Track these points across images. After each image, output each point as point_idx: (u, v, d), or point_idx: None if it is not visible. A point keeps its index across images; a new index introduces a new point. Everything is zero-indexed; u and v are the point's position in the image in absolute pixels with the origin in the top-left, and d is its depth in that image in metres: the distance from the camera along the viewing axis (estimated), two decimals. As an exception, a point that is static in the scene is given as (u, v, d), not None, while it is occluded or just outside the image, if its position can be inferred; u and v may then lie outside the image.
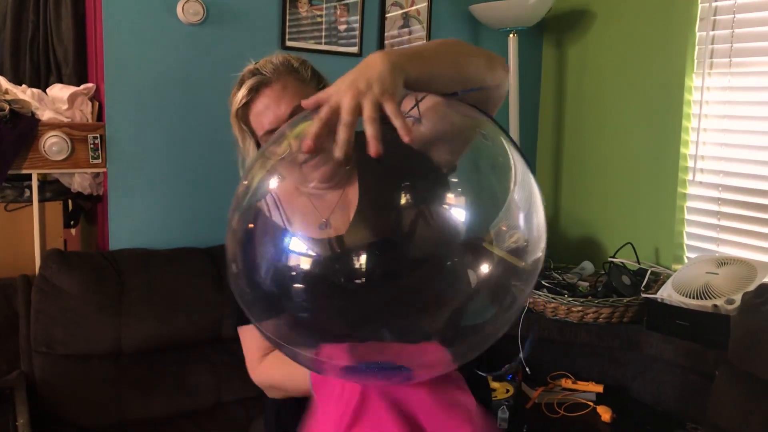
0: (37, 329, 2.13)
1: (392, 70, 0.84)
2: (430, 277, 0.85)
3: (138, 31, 2.38)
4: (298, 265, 0.84)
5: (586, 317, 2.38)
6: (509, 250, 0.85)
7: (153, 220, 2.46)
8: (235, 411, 2.32)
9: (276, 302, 0.87)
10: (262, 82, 1.16)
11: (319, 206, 0.96)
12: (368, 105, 0.80)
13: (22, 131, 2.21)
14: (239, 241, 0.90)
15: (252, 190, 0.91)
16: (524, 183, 0.89)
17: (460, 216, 0.85)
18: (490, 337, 0.90)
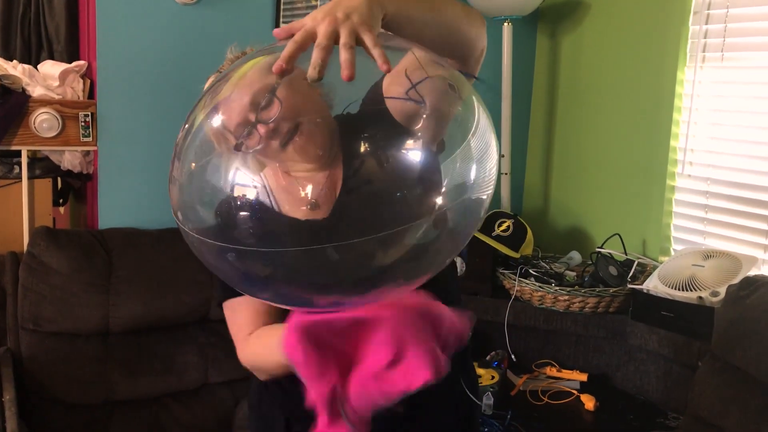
0: (25, 306, 2.13)
1: (371, 3, 0.84)
2: (378, 199, 0.88)
3: (131, 10, 2.36)
4: (244, 193, 0.85)
5: (572, 306, 2.40)
6: (459, 197, 0.88)
7: (143, 199, 2.46)
8: (222, 392, 2.33)
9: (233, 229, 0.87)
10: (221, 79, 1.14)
11: (306, 186, 0.95)
12: (345, 32, 0.79)
13: (12, 107, 2.19)
14: (182, 186, 0.91)
15: (193, 131, 0.92)
16: (483, 135, 0.90)
17: (423, 162, 0.86)
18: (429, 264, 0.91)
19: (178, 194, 0.92)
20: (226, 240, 0.86)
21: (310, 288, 0.89)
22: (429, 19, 0.95)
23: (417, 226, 0.84)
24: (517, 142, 3.09)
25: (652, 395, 2.30)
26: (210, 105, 0.94)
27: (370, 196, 0.89)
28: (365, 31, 0.80)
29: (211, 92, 0.95)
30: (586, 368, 2.42)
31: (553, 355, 2.50)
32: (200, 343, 2.32)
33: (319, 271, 0.85)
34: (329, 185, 0.92)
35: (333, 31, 0.79)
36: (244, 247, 0.86)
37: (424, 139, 0.86)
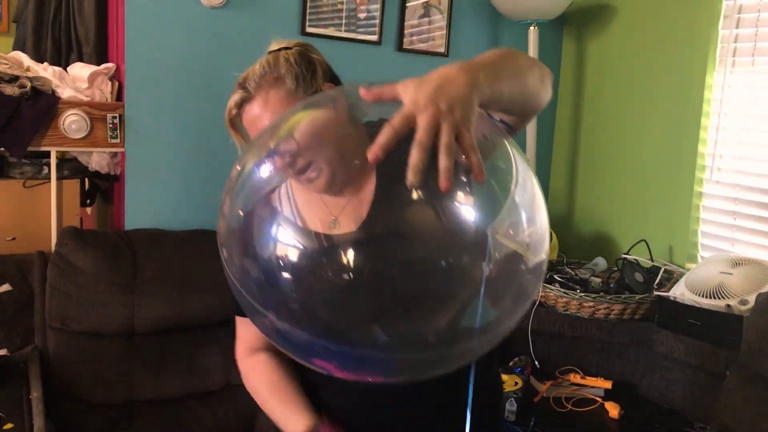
0: (52, 305, 2.15)
1: (472, 92, 0.79)
2: (438, 274, 0.83)
3: (159, 13, 2.38)
4: (295, 258, 0.82)
5: (597, 313, 2.38)
6: (509, 255, 0.84)
7: (168, 200, 2.48)
8: (245, 394, 2.31)
9: (270, 294, 0.86)
10: (244, 99, 1.16)
11: (329, 202, 0.94)
12: (447, 130, 0.74)
13: (42, 108, 2.22)
14: (230, 228, 0.90)
15: (245, 174, 0.91)
16: (525, 184, 0.87)
17: (469, 214, 0.82)
18: (498, 333, 0.89)
19: (226, 232, 0.93)
20: (262, 301, 0.87)
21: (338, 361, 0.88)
22: (517, 93, 0.93)
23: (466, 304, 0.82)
24: (542, 146, 3.07)
25: (678, 404, 2.27)
26: (262, 151, 0.93)
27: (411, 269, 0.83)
28: (466, 130, 0.75)
29: (264, 134, 0.95)
30: (611, 375, 2.39)
31: (577, 362, 2.47)
32: (224, 345, 2.33)
33: (359, 353, 0.84)
34: (354, 205, 0.92)
35: (435, 126, 0.74)
36: (279, 322, 0.86)
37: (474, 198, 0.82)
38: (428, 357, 0.86)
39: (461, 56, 2.97)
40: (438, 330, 0.85)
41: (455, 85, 0.77)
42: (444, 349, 0.86)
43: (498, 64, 0.90)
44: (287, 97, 1.14)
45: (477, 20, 2.99)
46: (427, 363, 0.87)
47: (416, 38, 2.86)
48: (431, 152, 0.73)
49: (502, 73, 0.89)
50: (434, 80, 0.78)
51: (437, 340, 0.84)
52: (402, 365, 0.86)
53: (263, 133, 0.96)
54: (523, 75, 0.95)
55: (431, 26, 2.90)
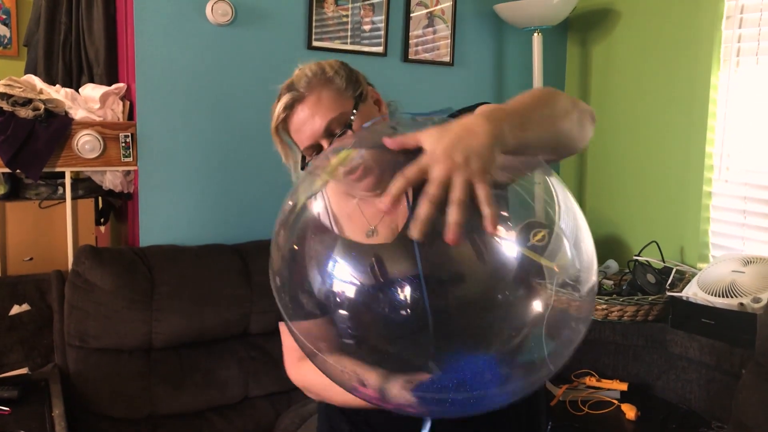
0: (71, 323, 2.18)
1: (493, 144, 0.78)
2: (481, 305, 0.83)
3: (168, 32, 2.42)
4: (343, 290, 0.82)
5: (610, 315, 2.39)
6: (560, 284, 0.83)
7: (182, 217, 2.51)
8: (263, 405, 2.36)
9: (321, 323, 0.86)
10: (296, 99, 1.15)
11: (367, 212, 0.96)
12: (460, 183, 0.73)
13: (56, 130, 2.26)
14: (285, 258, 0.90)
15: (297, 210, 0.90)
16: (569, 210, 0.88)
17: (511, 247, 0.82)
18: (546, 373, 0.88)
19: (280, 264, 0.91)
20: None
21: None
22: (546, 139, 0.91)
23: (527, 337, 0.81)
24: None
25: (695, 404, 2.27)
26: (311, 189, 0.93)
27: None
28: (480, 182, 0.74)
29: (311, 173, 0.95)
30: (626, 377, 2.40)
31: (592, 365, 2.48)
32: (241, 358, 2.35)
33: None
34: (391, 216, 0.92)
35: (447, 180, 0.74)
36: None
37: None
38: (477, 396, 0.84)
39: (466, 65, 3.00)
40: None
41: (476, 136, 0.77)
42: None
43: (529, 111, 0.89)
44: (339, 96, 1.14)
45: (481, 28, 3.02)
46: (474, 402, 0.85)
47: (421, 48, 2.89)
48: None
49: (532, 121, 0.88)
50: (455, 131, 0.77)
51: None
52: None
53: (314, 164, 0.96)
54: (557, 120, 0.93)
55: (436, 36, 2.93)
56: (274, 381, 2.35)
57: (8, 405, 1.90)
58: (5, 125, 2.17)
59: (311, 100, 1.13)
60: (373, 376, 0.85)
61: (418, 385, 0.84)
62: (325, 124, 1.10)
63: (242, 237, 2.49)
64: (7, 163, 2.19)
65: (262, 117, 2.62)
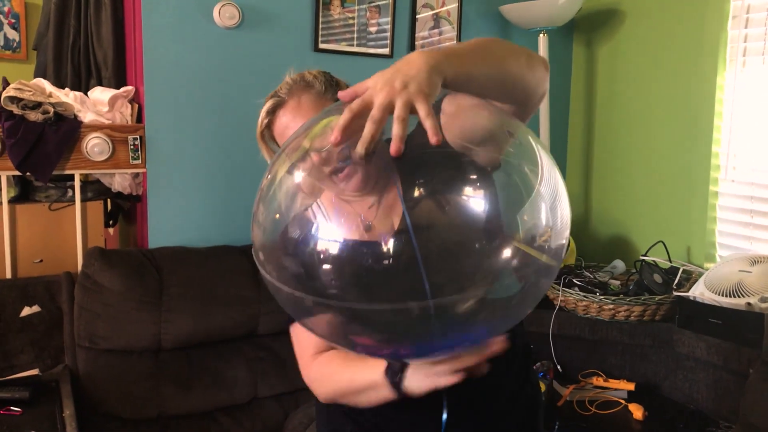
0: (81, 325, 2.20)
1: (430, 70, 0.84)
2: (468, 266, 0.87)
3: (176, 35, 2.44)
4: (335, 250, 0.86)
5: (617, 315, 2.39)
6: (536, 246, 0.88)
7: (191, 218, 2.52)
8: (271, 406, 2.37)
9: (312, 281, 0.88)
10: (278, 104, 1.20)
11: (360, 210, 0.97)
12: (400, 103, 0.80)
13: (65, 133, 2.28)
14: (267, 231, 0.93)
15: (276, 182, 0.93)
16: (550, 178, 0.91)
17: (494, 212, 0.87)
18: (513, 316, 0.94)
19: (261, 237, 0.94)
20: (306, 289, 0.88)
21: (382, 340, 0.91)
22: (491, 74, 0.95)
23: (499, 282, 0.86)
24: (556, 151, 3.10)
25: (702, 404, 2.27)
26: (294, 154, 0.95)
27: (444, 244, 0.88)
28: (420, 101, 0.80)
29: (292, 139, 0.97)
30: (633, 377, 2.40)
31: (599, 365, 2.48)
32: (249, 358, 2.37)
33: (402, 324, 0.87)
34: (384, 212, 0.95)
35: (389, 103, 0.80)
36: (322, 299, 0.87)
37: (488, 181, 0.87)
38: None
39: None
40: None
41: (412, 65, 0.84)
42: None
43: (467, 49, 0.95)
44: (318, 100, 1.20)
45: (486, 29, 3.03)
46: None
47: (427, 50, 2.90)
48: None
49: (471, 55, 0.93)
50: (394, 66, 0.85)
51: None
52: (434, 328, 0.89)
53: (290, 139, 0.98)
54: (500, 59, 0.97)
55: (441, 37, 2.93)
56: (282, 381, 2.37)
57: (19, 406, 1.91)
58: (15, 128, 2.19)
59: (291, 104, 1.19)
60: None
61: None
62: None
63: (250, 238, 2.50)
64: (17, 166, 2.21)
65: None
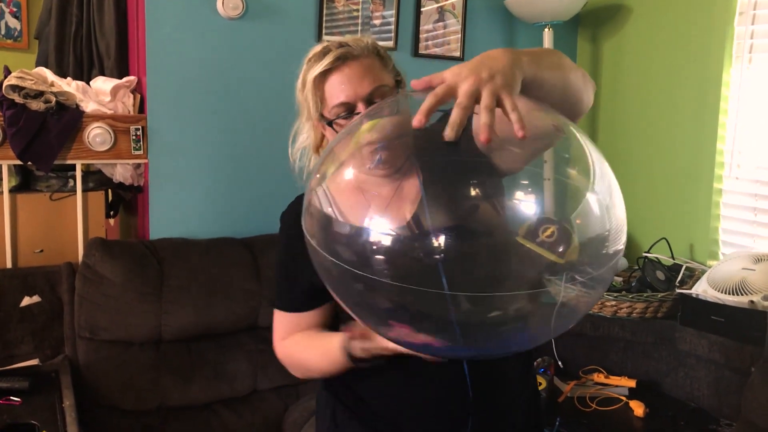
0: (81, 315, 2.20)
1: (514, 66, 0.86)
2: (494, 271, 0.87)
3: (179, 25, 2.42)
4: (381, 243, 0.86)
5: (619, 312, 2.39)
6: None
7: (192, 210, 2.51)
8: (271, 398, 2.37)
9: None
10: (349, 54, 1.15)
11: (371, 198, 0.97)
12: (487, 93, 0.81)
13: (67, 123, 2.27)
14: (318, 221, 0.94)
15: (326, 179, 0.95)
16: (603, 175, 0.92)
17: (529, 209, 0.87)
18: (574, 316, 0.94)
19: (314, 225, 0.95)
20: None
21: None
22: (559, 83, 0.98)
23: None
24: (559, 147, 3.08)
25: (704, 401, 2.27)
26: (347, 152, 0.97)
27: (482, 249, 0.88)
28: (506, 94, 0.82)
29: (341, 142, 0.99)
30: (635, 374, 2.39)
31: (601, 362, 2.48)
32: (249, 350, 2.36)
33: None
34: (397, 201, 0.94)
35: (475, 91, 0.81)
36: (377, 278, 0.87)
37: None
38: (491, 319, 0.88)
39: (477, 60, 2.99)
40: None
41: (497, 60, 0.86)
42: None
43: (542, 55, 0.98)
44: (385, 74, 1.19)
45: (491, 23, 3.01)
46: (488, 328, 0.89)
47: (431, 43, 2.89)
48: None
49: (545, 62, 0.96)
50: (478, 58, 0.86)
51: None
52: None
53: (336, 144, 0.99)
54: (565, 70, 1.00)
55: (446, 30, 2.92)
56: (282, 374, 2.32)
57: (19, 395, 1.91)
58: (17, 117, 2.18)
59: (365, 62, 1.15)
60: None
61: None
62: (371, 88, 1.13)
63: (252, 231, 2.50)
64: (18, 156, 2.20)
65: (273, 110, 2.64)
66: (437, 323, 0.87)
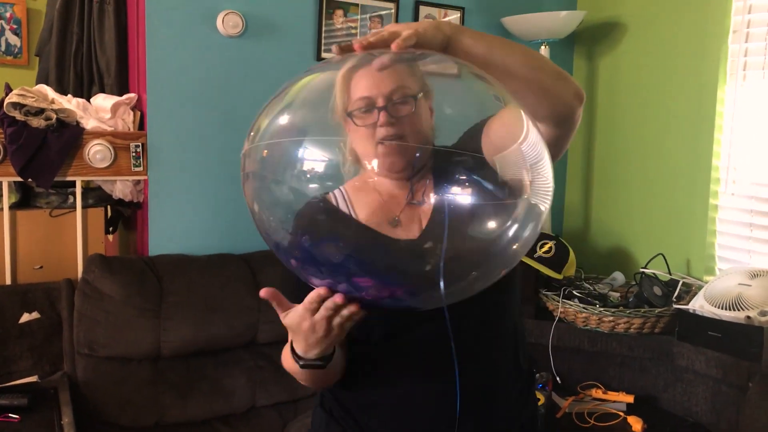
0: (80, 331, 2.20)
1: (440, 23, 0.98)
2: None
3: (179, 43, 2.45)
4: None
5: (617, 327, 2.39)
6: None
7: (191, 226, 2.52)
8: (270, 415, 2.36)
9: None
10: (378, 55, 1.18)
11: (388, 201, 1.01)
12: (406, 28, 0.96)
13: (68, 140, 2.28)
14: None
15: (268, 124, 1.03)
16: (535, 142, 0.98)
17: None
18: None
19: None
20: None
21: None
22: (513, 63, 1.05)
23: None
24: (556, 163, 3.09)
25: (701, 417, 2.27)
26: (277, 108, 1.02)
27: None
28: (406, 27, 0.96)
29: (275, 100, 1.04)
30: (633, 390, 2.40)
31: (599, 377, 2.48)
32: (248, 367, 2.36)
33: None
34: (412, 206, 0.99)
35: (411, 30, 0.95)
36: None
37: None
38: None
39: (474, 77, 3.01)
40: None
41: (437, 23, 1.01)
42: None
43: (500, 41, 1.07)
44: (413, 77, 1.18)
45: (488, 41, 3.03)
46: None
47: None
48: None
49: (496, 39, 1.05)
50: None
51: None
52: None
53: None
54: (527, 56, 1.07)
55: (443, 48, 2.94)
56: (281, 390, 2.36)
57: (18, 413, 1.91)
58: (18, 135, 2.19)
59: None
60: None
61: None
62: (394, 86, 1.11)
63: (250, 247, 2.50)
64: (19, 172, 2.21)
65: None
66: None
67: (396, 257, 0.95)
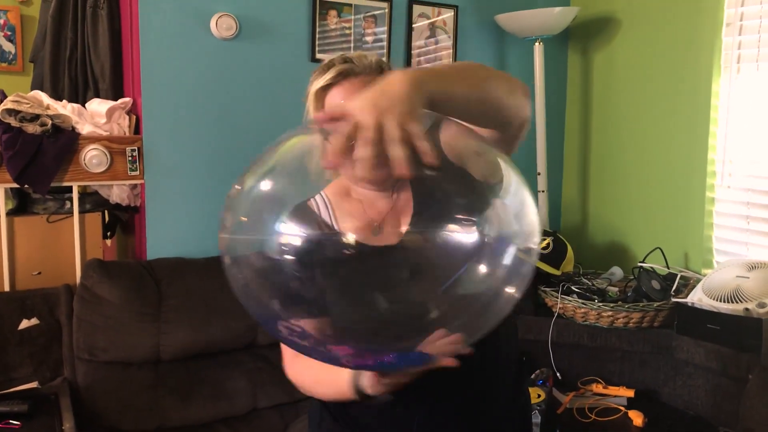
0: (80, 337, 2.20)
1: (413, 89, 0.84)
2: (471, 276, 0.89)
3: (173, 46, 2.45)
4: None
5: (616, 322, 2.40)
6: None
7: (189, 229, 2.52)
8: (271, 416, 2.36)
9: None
10: (350, 71, 1.17)
11: (369, 210, 1.00)
12: (392, 125, 0.79)
13: (64, 145, 2.28)
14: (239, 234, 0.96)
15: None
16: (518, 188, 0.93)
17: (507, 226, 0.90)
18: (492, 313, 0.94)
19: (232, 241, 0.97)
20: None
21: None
22: (471, 95, 0.96)
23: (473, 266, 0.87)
24: (552, 159, 3.10)
25: (702, 409, 2.28)
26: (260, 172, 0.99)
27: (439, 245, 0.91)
28: (410, 121, 0.80)
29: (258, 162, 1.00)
30: (633, 384, 2.40)
31: (599, 372, 2.48)
32: (248, 369, 2.36)
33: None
34: (393, 215, 0.96)
35: (379, 124, 0.79)
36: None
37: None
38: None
39: (469, 75, 3.01)
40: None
41: (396, 85, 0.83)
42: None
43: (447, 70, 0.97)
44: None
45: (482, 39, 3.04)
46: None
47: (423, 59, 2.91)
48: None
49: (452, 76, 0.95)
50: (375, 87, 0.84)
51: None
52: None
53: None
54: (481, 79, 0.99)
55: (438, 46, 2.95)
56: (282, 392, 2.36)
57: (19, 419, 1.91)
58: (13, 141, 2.19)
59: (366, 80, 1.15)
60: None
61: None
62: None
63: (248, 249, 2.50)
64: (15, 179, 2.21)
65: (267, 129, 2.65)
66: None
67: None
